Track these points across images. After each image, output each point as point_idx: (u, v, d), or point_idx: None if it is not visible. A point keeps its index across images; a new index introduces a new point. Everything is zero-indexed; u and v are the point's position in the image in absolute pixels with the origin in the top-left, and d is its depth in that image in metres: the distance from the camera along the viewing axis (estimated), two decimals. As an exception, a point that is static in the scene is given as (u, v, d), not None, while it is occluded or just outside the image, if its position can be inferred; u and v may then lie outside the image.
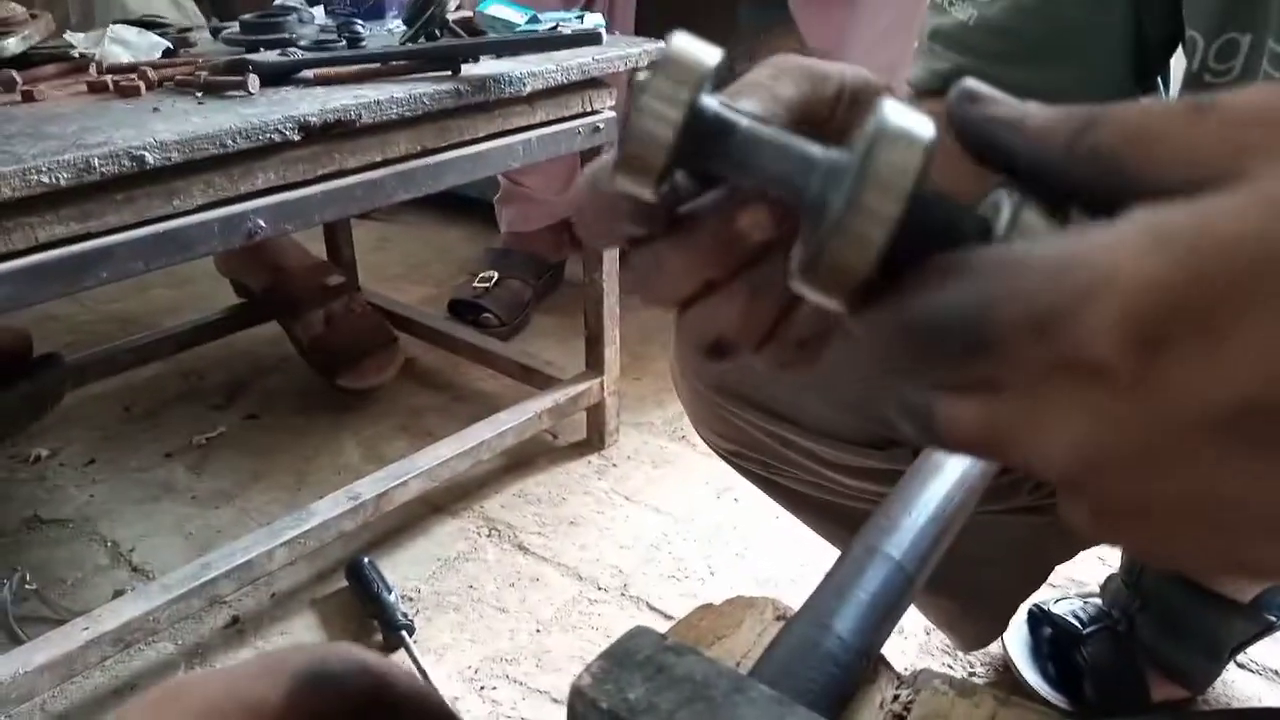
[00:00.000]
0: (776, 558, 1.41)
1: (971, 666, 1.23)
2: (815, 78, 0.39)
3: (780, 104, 0.37)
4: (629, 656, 0.50)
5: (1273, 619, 1.12)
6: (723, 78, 0.35)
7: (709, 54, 0.33)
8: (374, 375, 1.80)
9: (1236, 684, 1.20)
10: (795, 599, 0.56)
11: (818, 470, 0.83)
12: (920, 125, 0.29)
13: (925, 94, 0.67)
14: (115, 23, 1.32)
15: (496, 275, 2.08)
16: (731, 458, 0.90)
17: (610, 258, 1.52)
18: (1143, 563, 1.15)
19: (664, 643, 0.50)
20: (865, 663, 0.54)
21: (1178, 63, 0.65)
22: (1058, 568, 1.06)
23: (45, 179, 0.87)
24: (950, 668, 1.22)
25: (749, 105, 0.35)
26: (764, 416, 0.81)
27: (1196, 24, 0.60)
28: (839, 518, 0.88)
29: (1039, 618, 1.20)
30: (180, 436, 1.70)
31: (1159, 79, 0.66)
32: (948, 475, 0.57)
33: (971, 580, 0.91)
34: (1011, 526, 0.85)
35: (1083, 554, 1.13)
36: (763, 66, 0.39)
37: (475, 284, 2.08)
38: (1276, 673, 1.21)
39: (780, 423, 0.81)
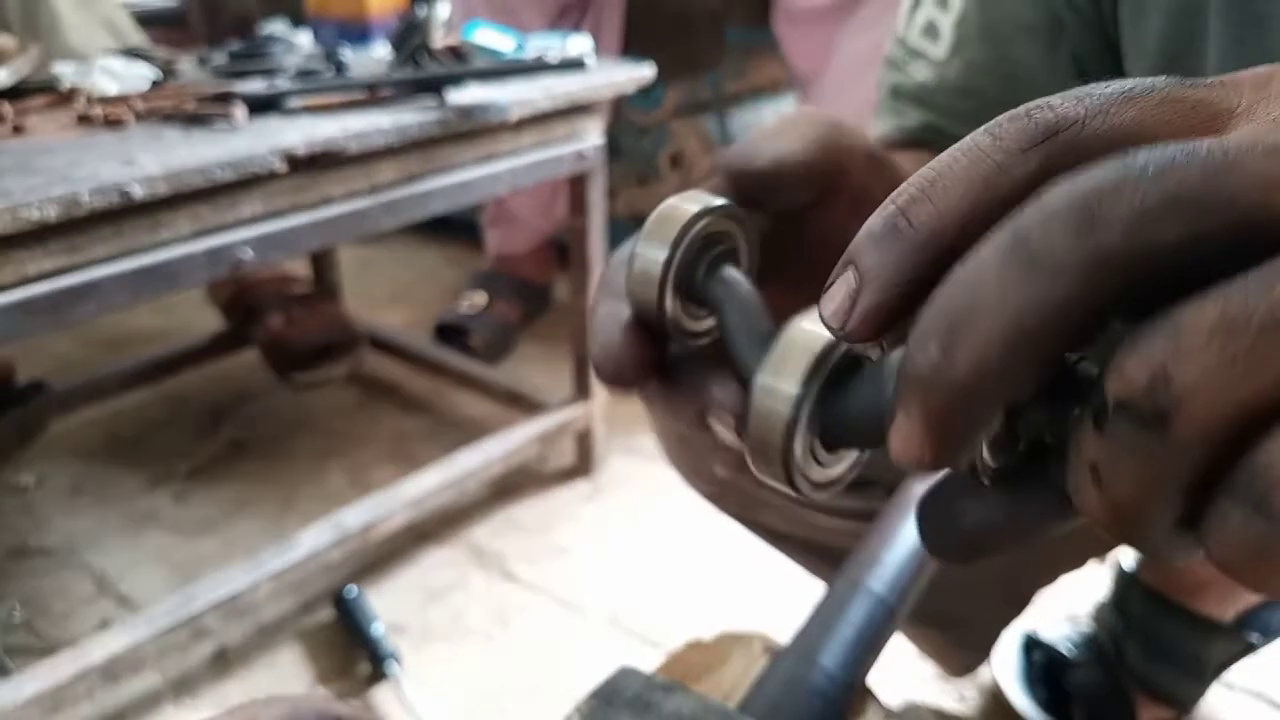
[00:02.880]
0: (765, 585, 1.41)
1: (963, 693, 1.23)
2: (836, 132, 0.41)
3: (803, 155, 0.38)
4: (617, 695, 0.50)
5: (1252, 640, 1.13)
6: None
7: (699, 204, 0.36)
8: (327, 370, 1.81)
9: (1222, 706, 1.20)
10: (785, 627, 0.56)
11: (794, 511, 0.83)
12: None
13: (894, 146, 0.67)
14: (103, 53, 1.32)
15: (484, 298, 2.08)
16: (709, 498, 0.91)
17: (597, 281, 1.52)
18: (1128, 587, 1.16)
19: (652, 680, 0.51)
20: (851, 695, 0.55)
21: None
22: (1046, 594, 1.07)
23: (35, 214, 0.87)
24: (943, 693, 1.22)
25: (782, 147, 0.38)
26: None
27: (1138, 76, 0.61)
28: (820, 553, 0.89)
29: (1030, 644, 1.20)
30: (165, 464, 1.70)
31: None
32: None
33: (953, 610, 0.91)
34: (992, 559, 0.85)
35: (1069, 580, 1.14)
36: (780, 119, 0.41)
37: (462, 307, 2.08)
38: (1259, 694, 1.22)
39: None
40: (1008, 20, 0.62)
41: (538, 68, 1.30)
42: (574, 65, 1.29)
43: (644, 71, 1.43)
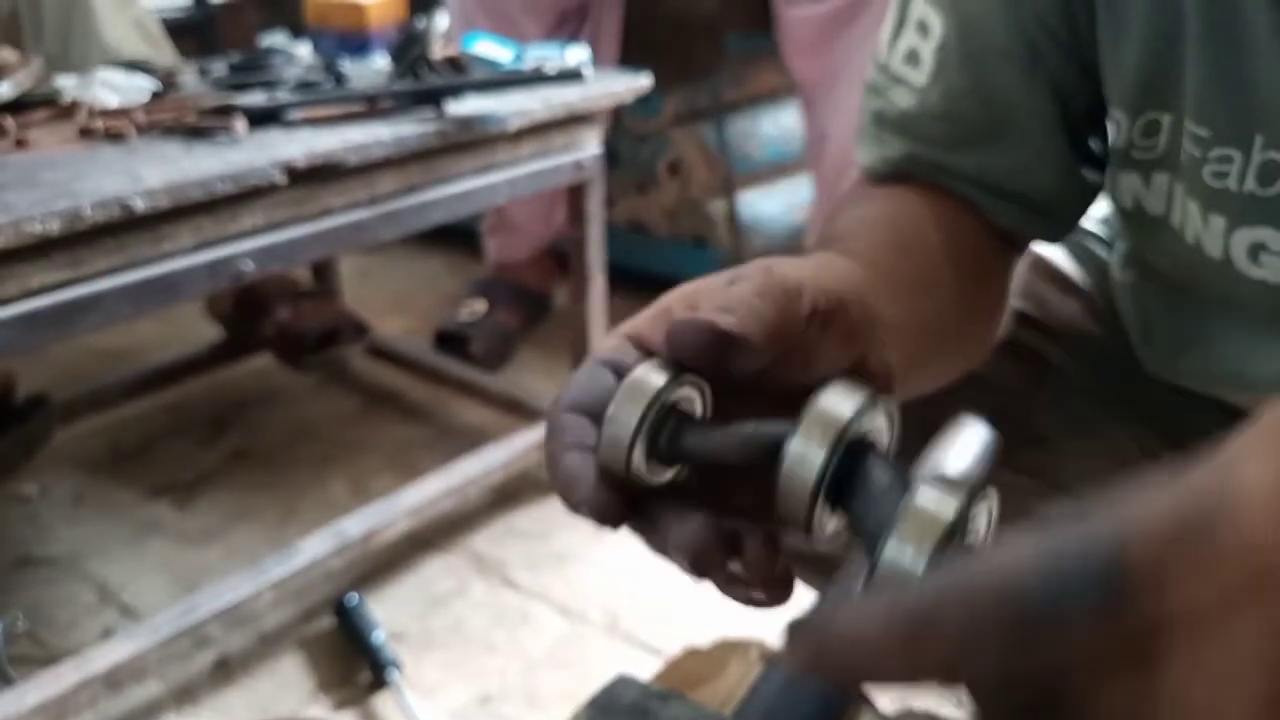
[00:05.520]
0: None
1: (959, 698, 1.23)
2: (790, 295, 0.43)
3: (764, 326, 0.41)
4: (615, 703, 0.51)
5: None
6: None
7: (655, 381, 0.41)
8: (336, 352, 1.87)
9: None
10: (780, 638, 0.57)
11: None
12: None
13: (880, 178, 0.68)
14: (105, 63, 1.33)
15: (484, 306, 2.09)
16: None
17: (597, 289, 1.53)
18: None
19: (649, 689, 0.51)
20: (847, 702, 0.56)
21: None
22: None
23: (38, 228, 0.88)
24: (939, 699, 1.23)
25: (729, 320, 0.41)
26: None
27: (1117, 103, 0.61)
28: (813, 562, 0.89)
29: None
30: (167, 473, 1.70)
31: (1098, 146, 0.67)
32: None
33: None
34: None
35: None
36: (745, 281, 0.43)
37: (462, 315, 2.08)
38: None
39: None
40: (987, 47, 0.62)
41: (536, 79, 1.31)
42: (572, 76, 1.30)
43: (642, 81, 1.44)
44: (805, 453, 0.37)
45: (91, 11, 1.47)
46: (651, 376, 0.41)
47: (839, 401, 0.38)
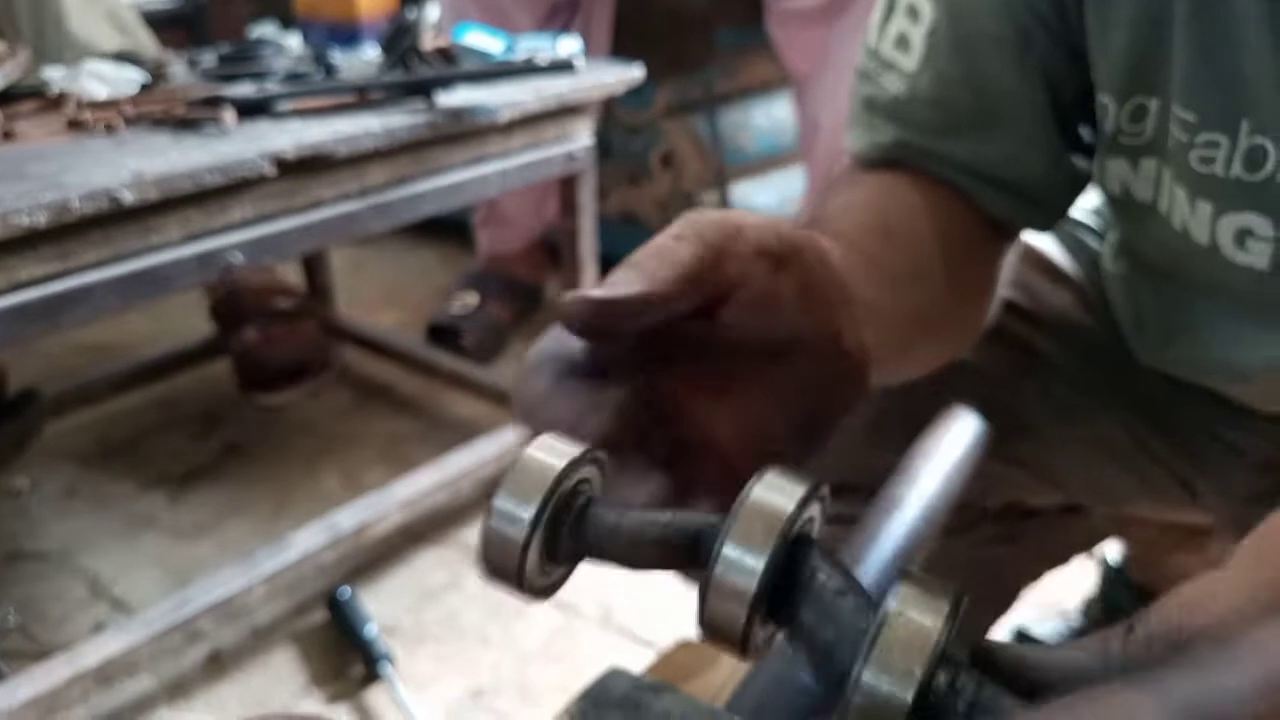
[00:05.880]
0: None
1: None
2: (726, 234, 0.42)
3: (675, 268, 0.40)
4: (606, 695, 0.50)
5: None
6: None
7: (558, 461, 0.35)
8: (289, 394, 1.83)
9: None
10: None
11: None
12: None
13: (870, 164, 0.67)
14: (77, 58, 1.33)
15: (476, 298, 2.09)
16: None
17: (589, 281, 1.53)
18: (1115, 583, 1.17)
19: (641, 681, 0.51)
20: (838, 695, 0.55)
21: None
22: (1033, 591, 1.07)
23: (26, 220, 0.88)
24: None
25: (637, 284, 0.39)
26: None
27: (1105, 88, 0.61)
28: None
29: (1021, 638, 1.21)
30: (159, 467, 1.70)
31: (1088, 133, 0.67)
32: (909, 509, 0.58)
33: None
34: (975, 556, 0.86)
35: (1051, 577, 1.15)
36: (674, 225, 0.42)
37: (454, 308, 2.08)
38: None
39: None
40: (977, 32, 0.62)
41: (527, 70, 1.30)
42: (563, 67, 1.30)
43: (633, 72, 1.44)
44: (740, 558, 0.32)
45: (60, 6, 1.46)
46: (546, 458, 0.35)
47: (777, 493, 0.33)
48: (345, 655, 1.30)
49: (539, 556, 0.35)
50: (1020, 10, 0.61)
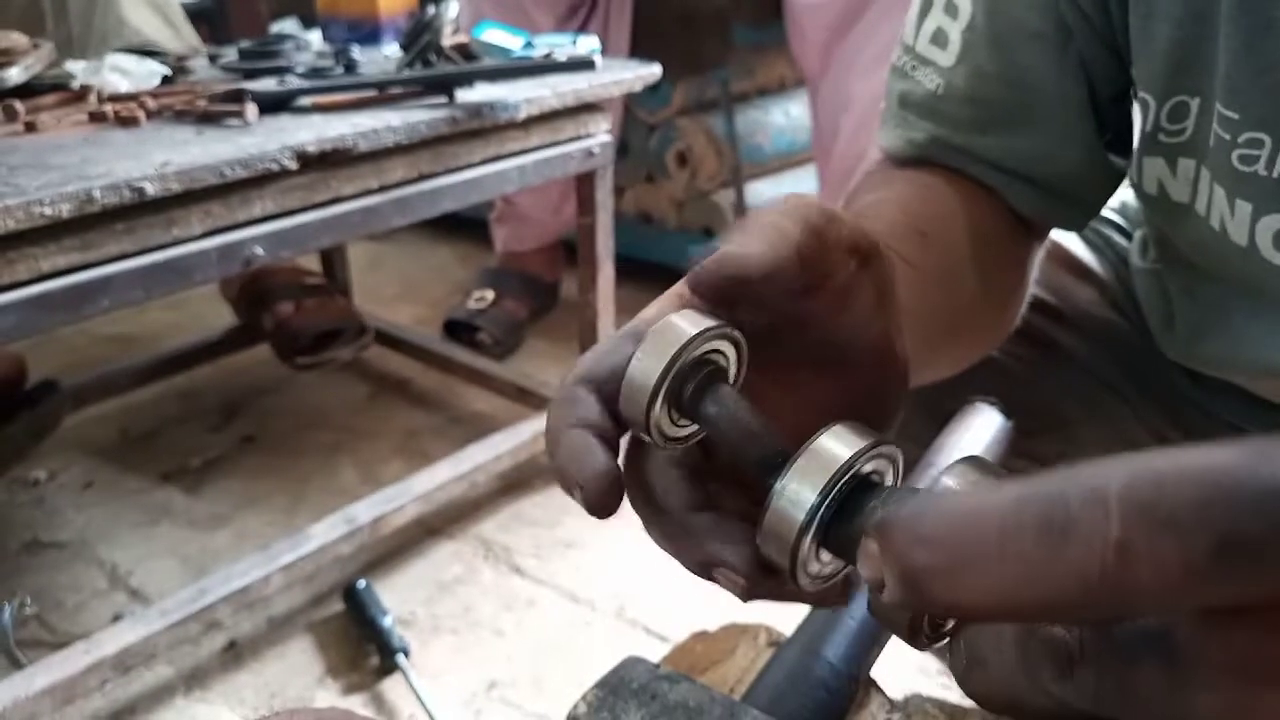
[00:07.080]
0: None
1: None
2: (826, 217, 0.41)
3: (790, 245, 0.39)
4: (624, 685, 0.51)
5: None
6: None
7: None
8: (330, 354, 1.84)
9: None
10: (790, 620, 0.57)
11: None
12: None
13: (902, 162, 0.67)
14: (117, 50, 1.33)
15: (492, 295, 2.10)
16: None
17: (605, 279, 1.53)
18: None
19: (658, 671, 0.51)
20: (855, 687, 0.56)
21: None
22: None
23: (48, 211, 0.89)
24: (946, 687, 1.23)
25: (758, 246, 0.39)
26: None
27: (1146, 85, 0.60)
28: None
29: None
30: (177, 458, 1.71)
31: (1124, 131, 0.66)
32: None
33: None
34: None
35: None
36: (771, 209, 0.41)
37: (471, 304, 2.09)
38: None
39: None
40: (1016, 27, 0.61)
41: (546, 67, 1.30)
42: (582, 64, 1.30)
43: (651, 70, 1.44)
44: (798, 492, 0.33)
45: None
46: (681, 325, 0.37)
47: (840, 442, 0.34)
48: (361, 646, 1.31)
49: (666, 409, 0.38)
50: (1061, 4, 0.60)
